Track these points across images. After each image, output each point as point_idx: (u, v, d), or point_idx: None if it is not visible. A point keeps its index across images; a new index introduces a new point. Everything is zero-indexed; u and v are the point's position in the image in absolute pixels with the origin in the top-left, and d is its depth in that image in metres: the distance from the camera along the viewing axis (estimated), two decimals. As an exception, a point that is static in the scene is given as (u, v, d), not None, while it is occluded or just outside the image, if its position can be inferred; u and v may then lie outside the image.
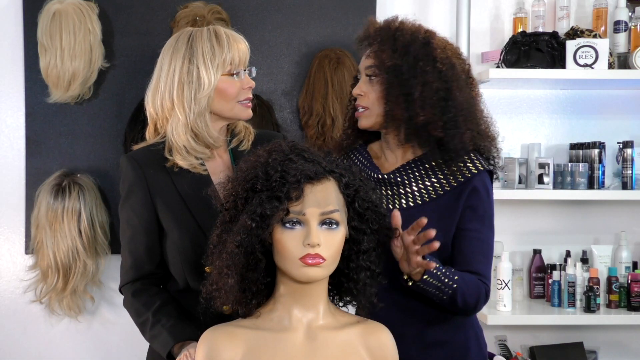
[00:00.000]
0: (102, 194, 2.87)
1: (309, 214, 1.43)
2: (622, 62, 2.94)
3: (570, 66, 2.82)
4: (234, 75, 1.82)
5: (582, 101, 3.10)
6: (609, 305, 2.88)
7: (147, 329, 1.78)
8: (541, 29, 2.96)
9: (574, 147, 3.00)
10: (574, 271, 2.85)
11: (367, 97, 1.86)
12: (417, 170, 1.85)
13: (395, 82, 1.80)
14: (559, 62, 2.86)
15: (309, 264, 1.42)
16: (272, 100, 2.95)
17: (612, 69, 2.90)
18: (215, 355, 1.45)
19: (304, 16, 2.97)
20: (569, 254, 2.97)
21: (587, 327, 2.99)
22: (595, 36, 2.86)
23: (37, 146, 2.89)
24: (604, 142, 2.93)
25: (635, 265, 2.97)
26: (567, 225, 3.09)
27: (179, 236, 1.79)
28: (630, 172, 2.87)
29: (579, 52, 2.81)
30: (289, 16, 2.97)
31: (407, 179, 1.85)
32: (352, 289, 1.53)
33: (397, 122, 1.82)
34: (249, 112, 1.87)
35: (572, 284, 2.82)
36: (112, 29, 2.90)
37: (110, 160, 2.89)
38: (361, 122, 1.89)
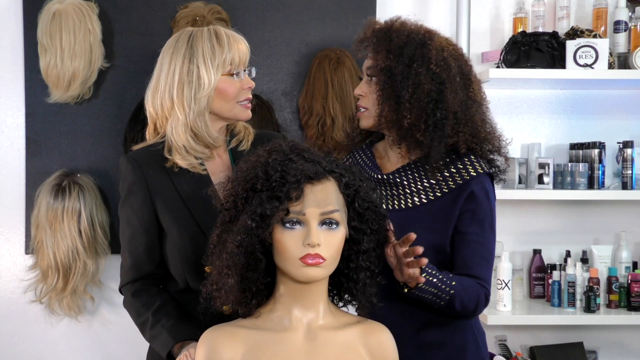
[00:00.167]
0: (102, 194, 2.87)
1: (309, 214, 1.43)
2: (622, 62, 2.94)
3: (570, 66, 2.82)
4: (234, 75, 1.81)
5: (582, 101, 3.09)
6: (609, 305, 2.88)
7: (147, 329, 1.78)
8: (541, 29, 2.95)
9: (574, 147, 3.00)
10: (574, 271, 2.84)
11: (367, 98, 1.87)
12: (416, 171, 1.85)
13: (388, 84, 1.80)
14: (559, 62, 2.86)
15: (309, 264, 1.42)
16: (272, 100, 2.95)
17: (612, 69, 2.90)
18: (215, 355, 1.45)
19: (304, 16, 2.97)
20: (569, 254, 2.97)
21: (587, 327, 2.99)
22: (595, 36, 2.86)
23: (37, 146, 2.89)
24: (604, 142, 2.93)
25: (635, 265, 2.97)
26: (567, 225, 3.09)
27: (178, 236, 1.79)
28: (630, 172, 2.87)
29: (579, 52, 2.81)
30: (289, 16, 2.97)
31: (407, 180, 1.84)
32: (352, 289, 1.53)
33: (388, 124, 1.82)
34: (248, 113, 1.87)
35: (572, 284, 2.82)
36: (112, 29, 2.90)
37: (110, 160, 2.89)
38: (361, 122, 1.90)
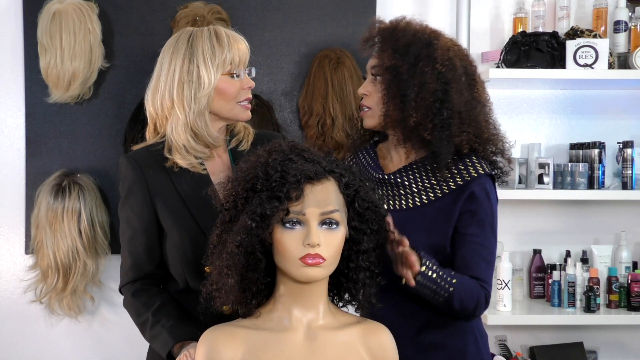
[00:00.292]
0: (102, 194, 2.87)
1: (309, 214, 1.43)
2: (622, 62, 2.94)
3: (570, 66, 2.82)
4: (234, 75, 1.82)
5: (582, 101, 3.09)
6: (609, 305, 2.88)
7: (147, 329, 1.78)
8: (541, 29, 2.95)
9: (574, 147, 3.00)
10: (574, 271, 2.84)
11: (371, 97, 1.87)
12: (417, 171, 1.84)
13: (393, 83, 1.80)
14: (559, 62, 2.86)
15: (309, 264, 1.42)
16: (272, 100, 2.95)
17: (612, 69, 2.90)
18: (215, 355, 1.45)
19: (304, 16, 2.97)
20: (569, 254, 2.97)
21: (587, 327, 2.99)
22: (595, 36, 2.86)
23: (37, 146, 2.89)
24: (604, 142, 2.93)
25: (635, 265, 2.97)
26: (567, 225, 3.09)
27: (178, 236, 1.79)
28: (630, 172, 2.87)
29: (579, 52, 2.81)
30: (289, 16, 2.96)
31: (408, 180, 1.84)
32: (352, 289, 1.53)
33: (393, 123, 1.82)
34: (248, 114, 1.87)
35: (572, 284, 2.82)
36: (112, 29, 2.90)
37: (110, 160, 2.89)
38: (365, 121, 1.90)
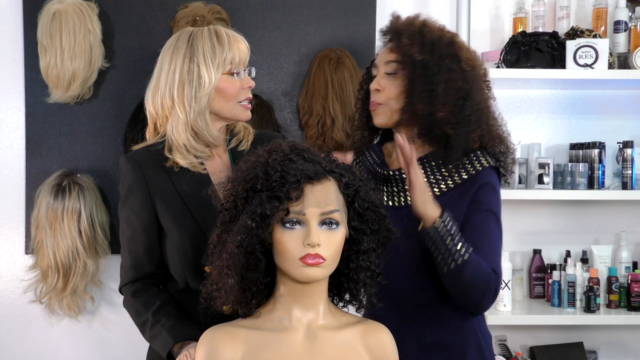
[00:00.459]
0: (102, 194, 2.87)
1: (309, 214, 1.43)
2: (622, 62, 2.94)
3: (570, 66, 2.82)
4: (234, 74, 1.82)
5: (582, 101, 3.09)
6: (609, 305, 2.88)
7: (147, 329, 1.78)
8: (541, 29, 2.95)
9: (574, 147, 3.00)
10: (574, 271, 2.84)
11: (384, 93, 1.85)
12: (423, 167, 1.84)
13: (420, 77, 1.80)
14: (559, 62, 2.86)
15: (309, 264, 1.42)
16: (272, 100, 2.95)
17: (612, 69, 2.90)
18: (215, 355, 1.45)
19: (304, 16, 2.97)
20: (569, 254, 2.97)
21: (587, 327, 2.99)
22: (595, 36, 2.86)
23: (37, 146, 2.89)
24: (604, 142, 2.93)
25: (635, 265, 2.97)
26: (567, 225, 3.09)
27: (178, 236, 1.79)
28: (630, 172, 2.87)
29: (579, 52, 2.81)
30: (289, 16, 2.96)
31: None
32: (353, 289, 1.53)
33: (416, 117, 1.81)
34: (248, 114, 1.87)
35: (572, 284, 2.82)
36: (112, 29, 2.90)
37: (110, 160, 2.89)
38: (377, 119, 1.88)
